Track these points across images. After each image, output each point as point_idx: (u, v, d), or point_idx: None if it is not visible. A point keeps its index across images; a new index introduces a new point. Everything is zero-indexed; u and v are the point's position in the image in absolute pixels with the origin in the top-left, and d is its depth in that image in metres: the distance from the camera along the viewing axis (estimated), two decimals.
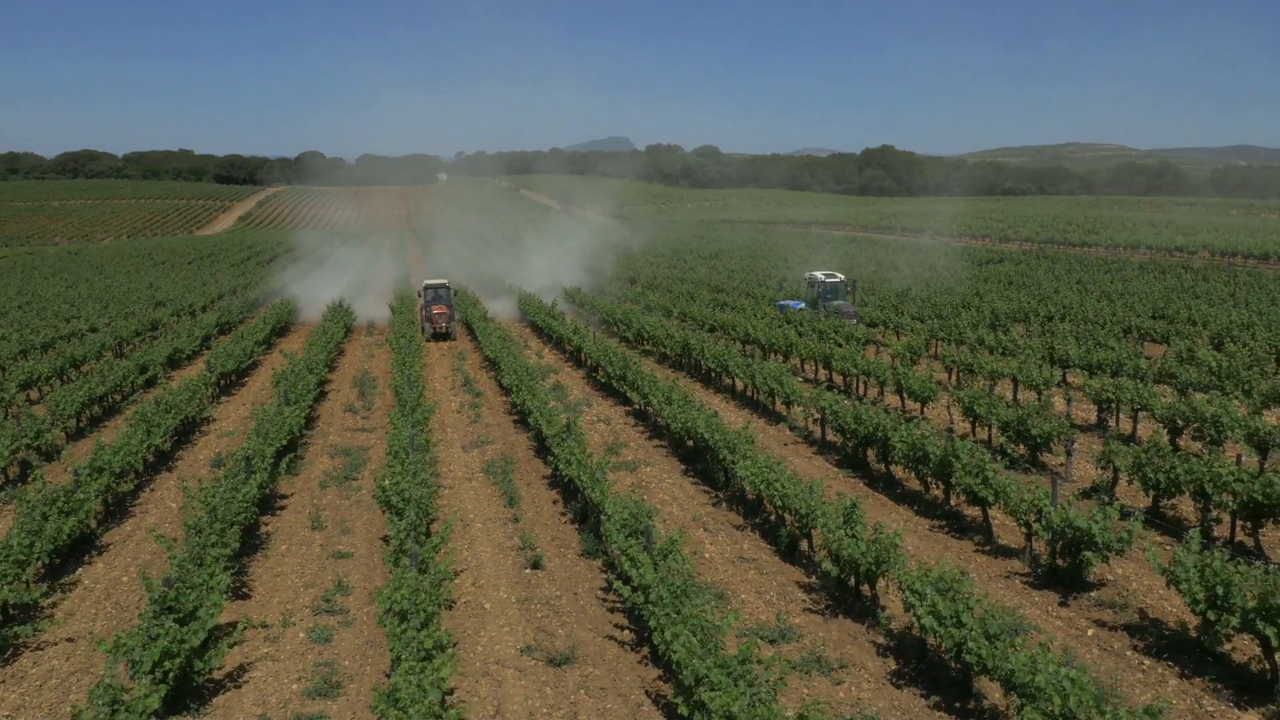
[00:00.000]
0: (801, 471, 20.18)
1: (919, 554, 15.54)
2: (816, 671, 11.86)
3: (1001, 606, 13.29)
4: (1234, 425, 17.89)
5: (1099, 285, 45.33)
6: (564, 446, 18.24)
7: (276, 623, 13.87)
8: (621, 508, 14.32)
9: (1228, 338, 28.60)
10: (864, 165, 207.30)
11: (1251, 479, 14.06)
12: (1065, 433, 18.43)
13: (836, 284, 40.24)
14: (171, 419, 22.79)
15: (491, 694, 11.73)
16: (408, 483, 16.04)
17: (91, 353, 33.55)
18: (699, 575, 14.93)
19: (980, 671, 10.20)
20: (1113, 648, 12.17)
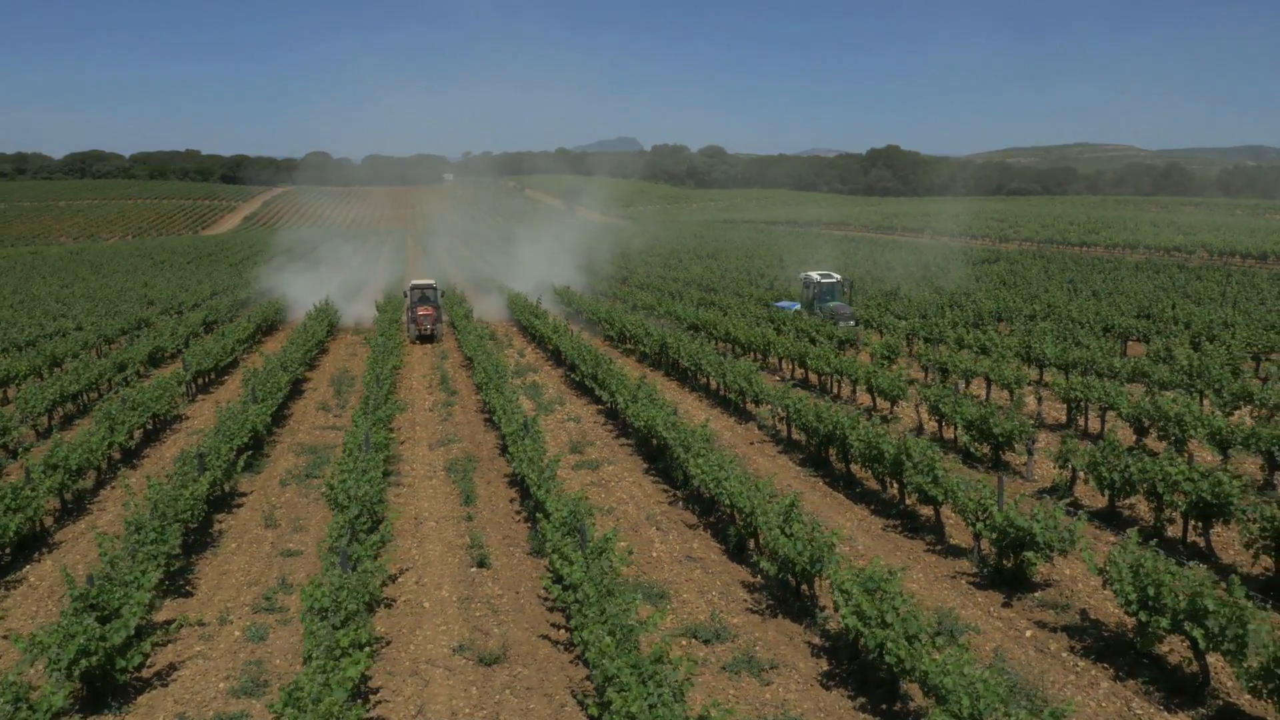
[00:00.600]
0: (764, 470, 20.01)
1: (870, 553, 15.36)
2: (746, 672, 11.69)
3: (938, 607, 13.16)
4: (1196, 424, 17.65)
5: (1090, 284, 45.01)
6: (520, 445, 18.09)
7: (213, 621, 13.75)
8: (561, 506, 14.15)
9: (1206, 337, 28.34)
10: (869, 165, 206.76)
11: (1201, 478, 13.84)
12: (1026, 432, 18.23)
13: (833, 284, 38.74)
14: (137, 417, 22.72)
15: (416, 693, 11.59)
16: (354, 480, 15.93)
17: (72, 351, 33.53)
18: (644, 574, 14.80)
19: (901, 673, 10.03)
20: (1049, 649, 11.97)
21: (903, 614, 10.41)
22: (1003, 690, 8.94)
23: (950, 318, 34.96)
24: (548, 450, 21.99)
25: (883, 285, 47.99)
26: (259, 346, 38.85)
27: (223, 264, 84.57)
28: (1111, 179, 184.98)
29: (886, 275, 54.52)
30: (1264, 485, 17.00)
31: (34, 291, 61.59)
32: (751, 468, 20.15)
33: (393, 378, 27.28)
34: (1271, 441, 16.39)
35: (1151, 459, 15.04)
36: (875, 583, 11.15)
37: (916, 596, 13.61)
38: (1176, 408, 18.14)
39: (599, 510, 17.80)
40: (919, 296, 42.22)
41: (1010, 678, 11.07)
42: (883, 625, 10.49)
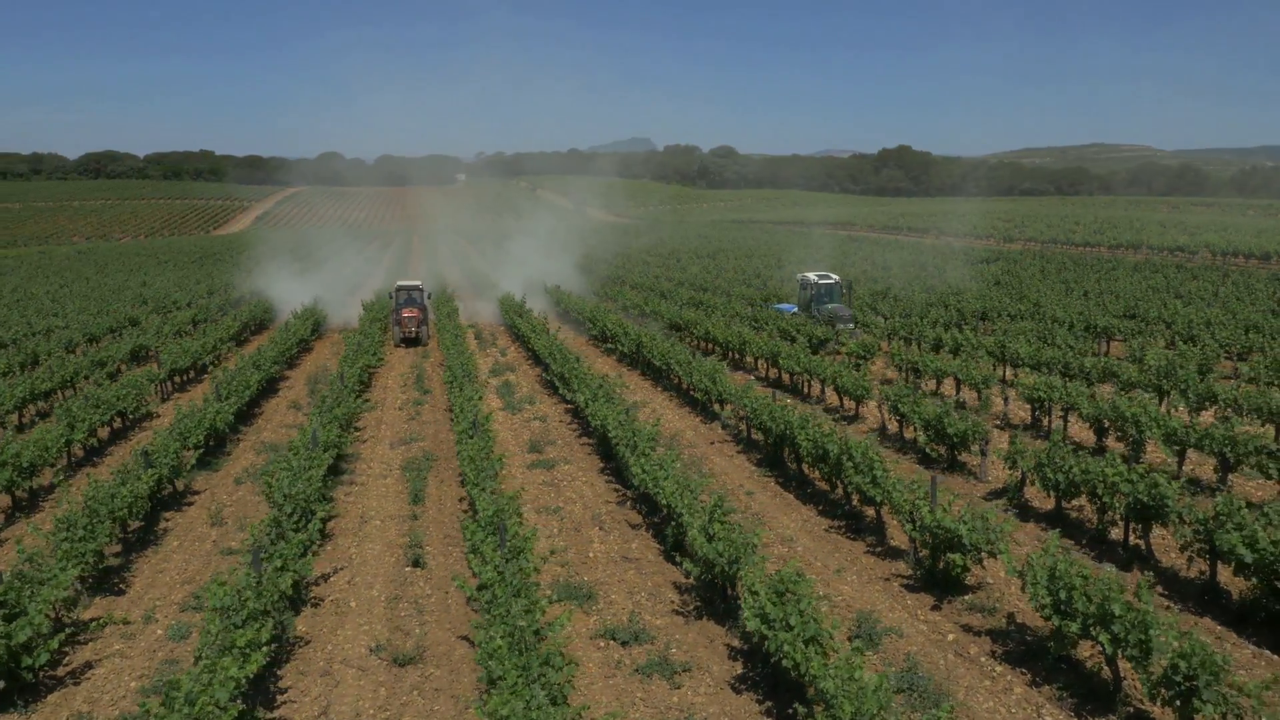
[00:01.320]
0: (720, 470, 19.82)
1: (809, 554, 15.16)
2: (659, 675, 11.50)
3: (864, 609, 12.94)
4: (1151, 425, 17.34)
5: (1083, 284, 44.56)
6: (466, 443, 17.94)
7: (138, 619, 13.65)
8: (488, 505, 13.99)
9: (1186, 337, 27.98)
10: (880, 166, 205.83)
11: (1139, 480, 13.56)
12: (980, 432, 17.96)
13: (831, 286, 36.51)
14: (100, 415, 22.68)
15: (324, 694, 11.45)
16: (288, 478, 15.83)
17: (54, 349, 33.59)
18: (575, 575, 14.62)
19: (797, 677, 9.83)
20: (969, 653, 11.73)
21: (806, 617, 10.19)
22: (887, 696, 8.73)
23: (933, 317, 34.65)
24: (505, 448, 21.96)
25: (876, 285, 47.61)
26: (246, 346, 38.86)
27: (228, 264, 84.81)
28: (1125, 179, 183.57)
29: (882, 275, 54.18)
30: (1217, 487, 16.68)
31: (33, 290, 61.90)
32: (708, 467, 19.96)
33: (362, 376, 27.20)
34: (1223, 442, 16.08)
35: (1094, 460, 14.76)
36: (785, 585, 10.93)
37: (845, 598, 13.46)
38: (1133, 409, 17.83)
39: (545, 510, 17.69)
40: (908, 296, 41.88)
41: (920, 682, 10.87)
42: (786, 628, 10.28)
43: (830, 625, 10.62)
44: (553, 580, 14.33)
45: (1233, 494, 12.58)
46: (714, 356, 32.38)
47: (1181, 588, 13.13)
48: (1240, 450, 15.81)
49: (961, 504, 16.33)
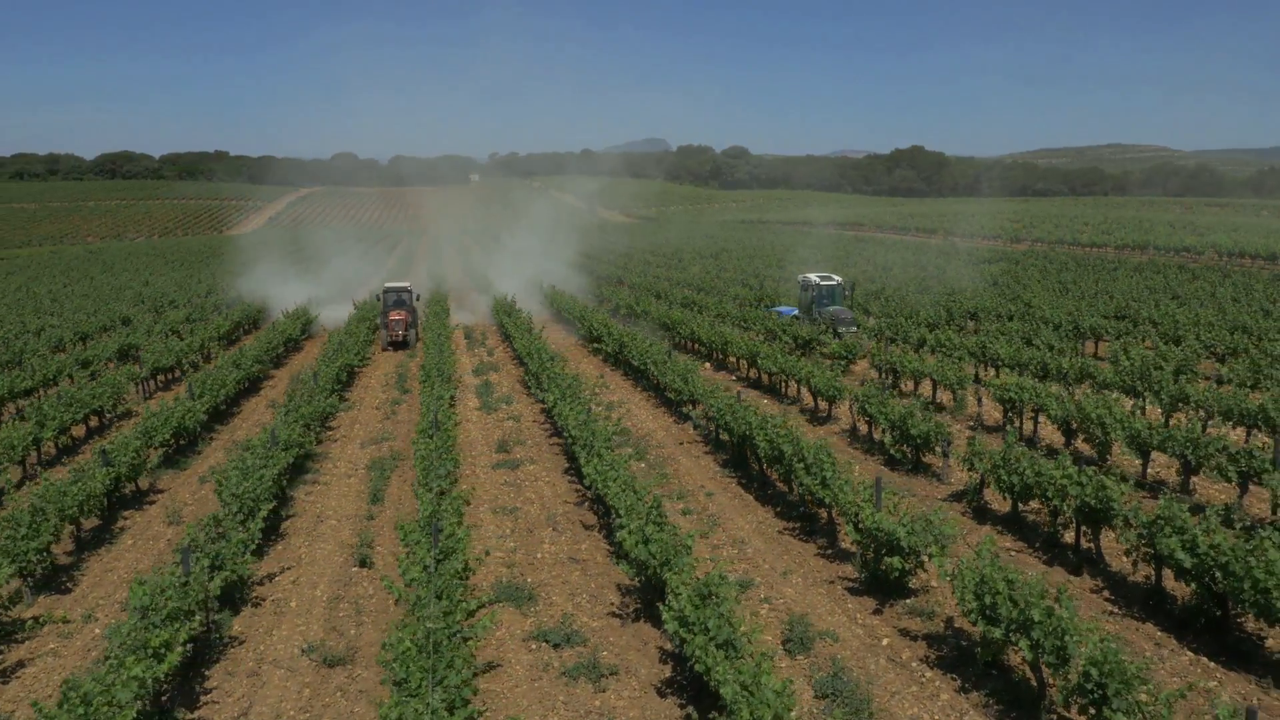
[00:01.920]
0: (685, 471, 19.65)
1: (759, 556, 14.98)
2: (585, 678, 11.35)
3: (803, 613, 12.75)
4: (1116, 427, 17.08)
5: (1081, 285, 44.15)
6: (423, 443, 17.84)
7: (78, 618, 13.59)
8: (428, 504, 13.88)
9: (1171, 338, 27.64)
10: (893, 166, 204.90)
11: (1087, 483, 13.33)
12: (943, 434, 17.74)
13: (833, 287, 35.03)
14: (72, 413, 22.70)
15: (247, 694, 11.35)
16: (238, 477, 15.77)
17: (41, 348, 33.70)
18: (520, 575, 14.49)
19: (709, 681, 9.65)
20: (901, 658, 11.53)
21: (721, 620, 10.02)
22: (790, 701, 8.56)
23: (922, 317, 34.38)
24: (474, 448, 21.89)
25: (873, 285, 47.28)
26: (237, 346, 38.88)
27: (232, 264, 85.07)
28: (1139, 179, 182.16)
29: (881, 275, 53.86)
30: (1179, 489, 16.41)
31: (35, 290, 62.25)
32: (672, 468, 19.80)
33: (340, 376, 27.16)
34: (1185, 444, 15.80)
35: (1045, 463, 14.53)
36: (708, 588, 10.76)
37: (787, 601, 13.28)
38: (1099, 410, 17.56)
39: (502, 510, 17.57)
40: (901, 296, 41.55)
41: (844, 687, 10.68)
42: (704, 632, 10.11)
43: (752, 629, 10.49)
44: (495, 581, 14.20)
45: (1174, 498, 12.36)
46: (699, 356, 32.26)
47: (1128, 592, 12.89)
48: (1201, 452, 15.53)
49: (914, 505, 16.14)
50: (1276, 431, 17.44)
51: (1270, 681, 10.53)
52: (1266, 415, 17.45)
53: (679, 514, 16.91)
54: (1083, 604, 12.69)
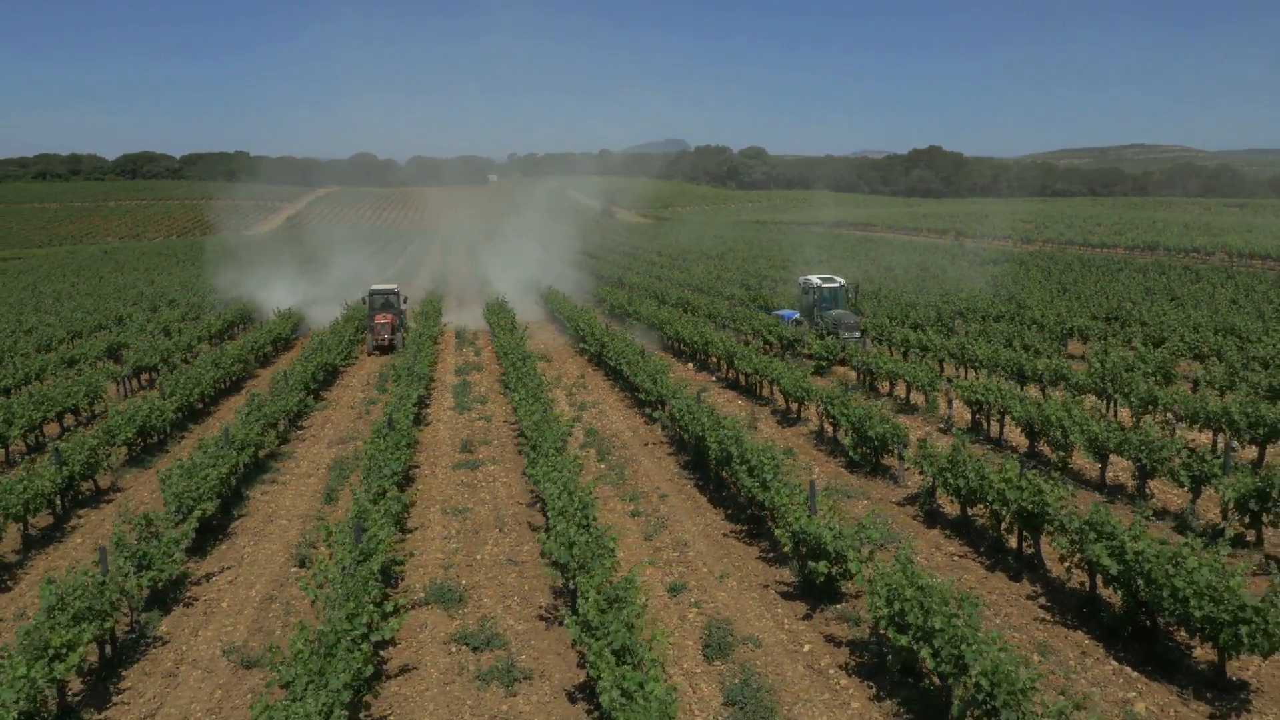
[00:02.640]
0: (645, 472, 19.48)
1: (701, 559, 14.79)
2: (498, 682, 11.20)
3: (730, 618, 12.55)
4: (1074, 430, 16.77)
5: (1081, 285, 43.62)
6: (376, 442, 17.74)
7: (9, 617, 13.56)
8: (358, 505, 13.77)
9: (1156, 340, 27.22)
10: (911, 166, 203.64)
11: (1024, 488, 13.06)
12: (899, 436, 17.48)
13: (835, 290, 33.04)
14: (43, 411, 22.75)
15: (159, 695, 11.27)
16: (178, 476, 15.72)
17: (28, 347, 33.88)
18: (455, 577, 14.34)
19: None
20: (819, 665, 11.31)
21: (619, 625, 9.84)
22: (671, 710, 8.39)
23: (913, 318, 34.05)
24: (438, 447, 21.79)
25: (870, 286, 46.86)
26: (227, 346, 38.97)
27: (246, 263, 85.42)
28: (1160, 180, 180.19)
29: (883, 276, 53.41)
30: (1136, 493, 16.08)
31: (42, 289, 62.73)
32: (632, 469, 19.62)
33: (316, 375, 27.13)
34: (1139, 448, 15.48)
35: (991, 466, 14.26)
36: (616, 592, 10.59)
37: (717, 605, 13.08)
38: (1059, 413, 17.26)
39: (453, 510, 17.45)
40: (895, 297, 41.17)
41: (753, 694, 10.48)
42: (605, 636, 9.94)
43: (656, 635, 10.29)
44: (429, 582, 14.07)
45: (1104, 506, 12.07)
46: (685, 357, 32.07)
47: (1064, 599, 12.62)
48: (1155, 456, 15.21)
49: (865, 509, 15.99)
50: (1239, 434, 17.08)
51: (1192, 693, 10.25)
52: (1230, 418, 17.08)
53: (627, 515, 16.74)
54: (1016, 611, 12.44)
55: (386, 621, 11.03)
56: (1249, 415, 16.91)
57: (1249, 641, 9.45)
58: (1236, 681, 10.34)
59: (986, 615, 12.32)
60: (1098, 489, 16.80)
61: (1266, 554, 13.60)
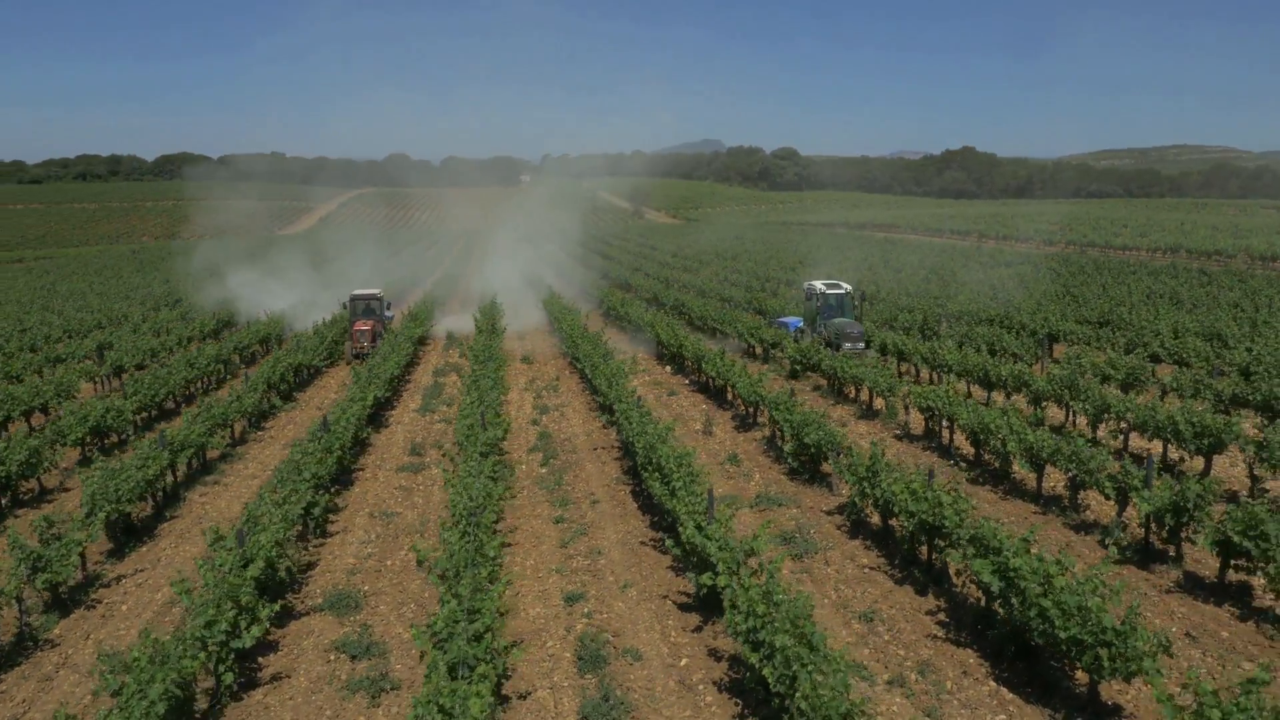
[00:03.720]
0: (586, 477, 19.23)
1: (613, 568, 14.53)
2: (364, 692, 11.03)
3: (619, 629, 12.28)
4: (1011, 439, 16.30)
5: (1087, 288, 42.76)
6: (299, 446, 17.66)
7: None
8: (252, 508, 13.65)
9: (1138, 345, 26.53)
10: (943, 167, 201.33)
11: (924, 500, 12.67)
12: (833, 443, 17.09)
13: (840, 296, 30.78)
14: (6, 409, 22.93)
15: (30, 699, 11.23)
16: (100, 476, 15.72)
17: (20, 345, 34.25)
18: (358, 584, 14.18)
19: None
20: (691, 680, 11.02)
21: (460, 634, 9.62)
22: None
23: (901, 321, 33.52)
24: (389, 449, 21.69)
25: (870, 288, 46.21)
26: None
27: (271, 263, 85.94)
28: (1197, 181, 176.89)
29: (891, 278, 52.70)
30: (1069, 504, 15.59)
31: (59, 288, 63.63)
32: (573, 474, 19.39)
33: (285, 376, 27.15)
34: (1071, 460, 15.00)
35: (899, 478, 13.87)
36: (474, 604, 10.36)
37: (610, 616, 12.82)
38: (998, 421, 16.80)
39: (382, 514, 17.32)
40: (893, 300, 40.59)
41: (613, 710, 10.21)
42: (450, 650, 9.71)
43: (506, 646, 10.07)
44: (329, 588, 13.93)
45: (991, 520, 11.65)
46: (666, 360, 31.77)
47: (962, 616, 12.20)
48: (1084, 468, 14.72)
49: (792, 517, 15.67)
50: (1184, 444, 16.51)
51: (1063, 717, 9.83)
52: (1176, 428, 16.52)
53: (551, 521, 16.53)
54: (910, 626, 12.06)
55: (249, 630, 10.89)
56: (1194, 425, 16.35)
57: (1110, 665, 9.05)
58: (1111, 705, 9.91)
59: (878, 631, 11.97)
60: (1034, 500, 16.34)
61: (1185, 570, 13.11)
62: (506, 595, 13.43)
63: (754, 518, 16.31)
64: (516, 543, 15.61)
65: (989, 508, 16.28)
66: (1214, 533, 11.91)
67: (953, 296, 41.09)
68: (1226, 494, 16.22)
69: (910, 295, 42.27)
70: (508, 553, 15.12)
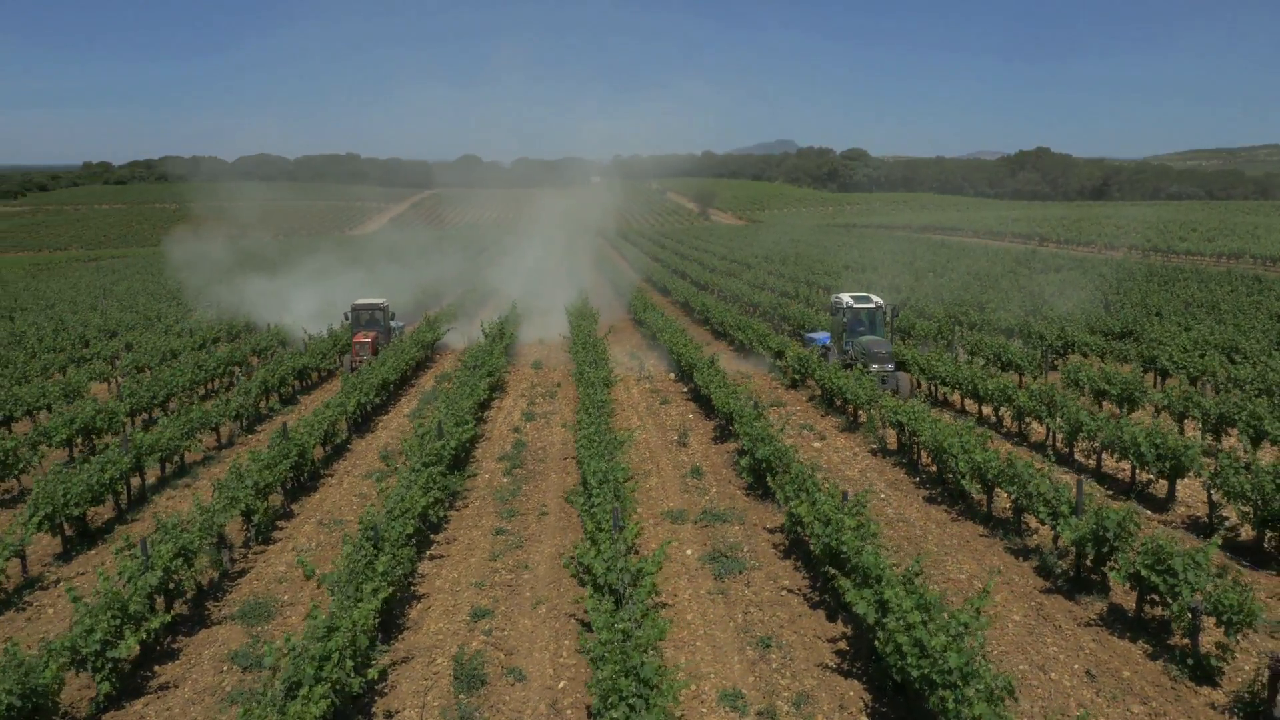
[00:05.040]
0: (547, 488, 19.11)
1: (531, 583, 14.37)
2: (239, 705, 11.03)
3: (513, 648, 12.14)
4: (961, 458, 15.77)
5: (1123, 296, 41.37)
6: (263, 451, 17.85)
7: None
8: (185, 515, 13.83)
9: (1147, 359, 25.53)
10: (1017, 168, 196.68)
11: (829, 521, 12.29)
12: (783, 458, 16.71)
13: (871, 312, 27.51)
14: (7, 410, 23.66)
15: None
16: (51, 478, 16.09)
17: (51, 347, 35.35)
18: (276, 592, 14.25)
19: None
20: (561, 704, 10.82)
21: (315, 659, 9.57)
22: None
23: (920, 329, 32.79)
24: (362, 456, 21.81)
25: (901, 295, 45.29)
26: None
27: (311, 266, 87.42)
28: None
29: (930, 284, 51.61)
30: (1012, 526, 15.01)
31: (116, 289, 65.64)
32: (535, 484, 19.29)
33: (280, 379, 27.54)
34: (1013, 482, 14.43)
35: (805, 498, 13.48)
36: (332, 621, 10.32)
37: (512, 632, 12.66)
38: (949, 439, 16.28)
39: (332, 521, 17.40)
40: (921, 306, 39.76)
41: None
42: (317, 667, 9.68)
43: (382, 670, 10.00)
44: (249, 596, 14.03)
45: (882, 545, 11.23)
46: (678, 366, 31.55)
47: (860, 645, 11.79)
48: (1024, 491, 14.15)
49: (736, 533, 15.40)
50: (1146, 466, 15.79)
51: None
52: (1138, 449, 15.80)
53: (491, 533, 16.44)
54: (809, 654, 11.69)
55: (123, 640, 10.99)
56: (1157, 447, 15.62)
57: (954, 709, 8.62)
58: None
59: (770, 658, 11.64)
60: (985, 521, 15.79)
61: (1112, 603, 12.50)
62: (415, 610, 13.45)
63: (695, 533, 16.04)
64: (447, 555, 15.56)
65: (937, 529, 15.79)
66: (1127, 565, 11.33)
67: (985, 304, 40.07)
68: (1187, 520, 15.48)
69: (942, 302, 41.31)
70: (434, 565, 15.09)
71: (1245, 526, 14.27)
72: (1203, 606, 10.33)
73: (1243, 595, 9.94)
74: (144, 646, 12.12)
